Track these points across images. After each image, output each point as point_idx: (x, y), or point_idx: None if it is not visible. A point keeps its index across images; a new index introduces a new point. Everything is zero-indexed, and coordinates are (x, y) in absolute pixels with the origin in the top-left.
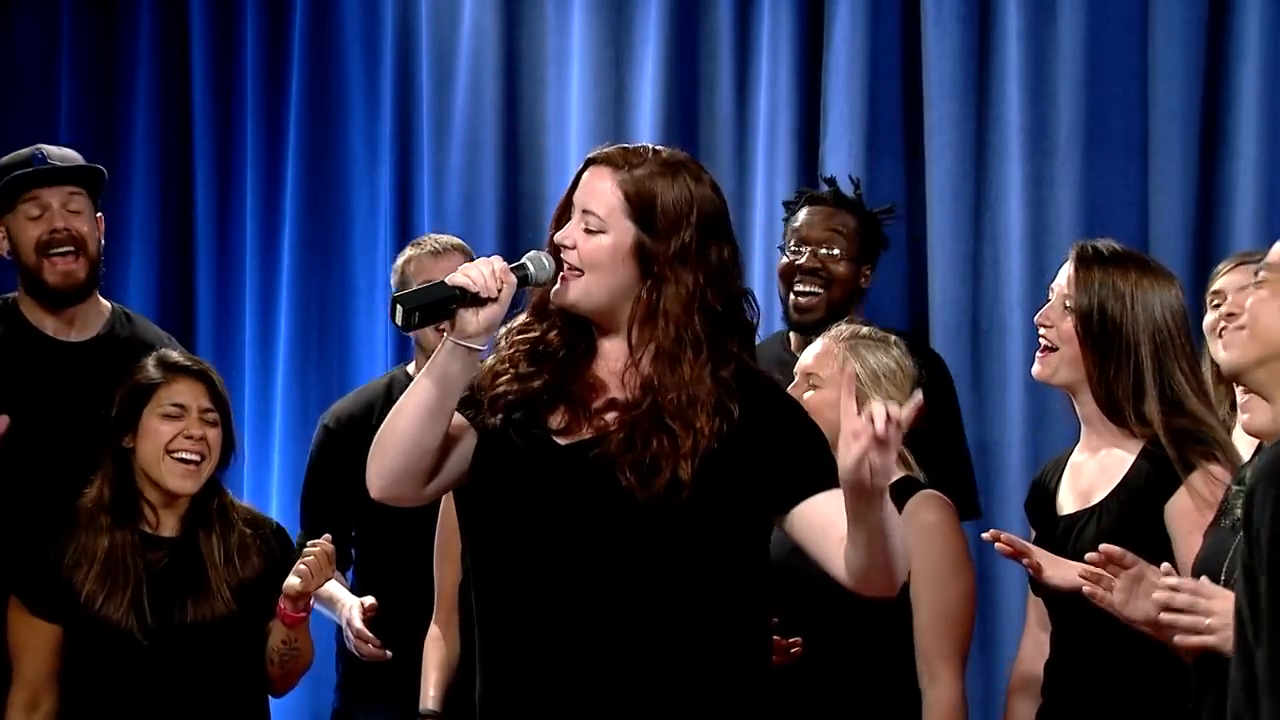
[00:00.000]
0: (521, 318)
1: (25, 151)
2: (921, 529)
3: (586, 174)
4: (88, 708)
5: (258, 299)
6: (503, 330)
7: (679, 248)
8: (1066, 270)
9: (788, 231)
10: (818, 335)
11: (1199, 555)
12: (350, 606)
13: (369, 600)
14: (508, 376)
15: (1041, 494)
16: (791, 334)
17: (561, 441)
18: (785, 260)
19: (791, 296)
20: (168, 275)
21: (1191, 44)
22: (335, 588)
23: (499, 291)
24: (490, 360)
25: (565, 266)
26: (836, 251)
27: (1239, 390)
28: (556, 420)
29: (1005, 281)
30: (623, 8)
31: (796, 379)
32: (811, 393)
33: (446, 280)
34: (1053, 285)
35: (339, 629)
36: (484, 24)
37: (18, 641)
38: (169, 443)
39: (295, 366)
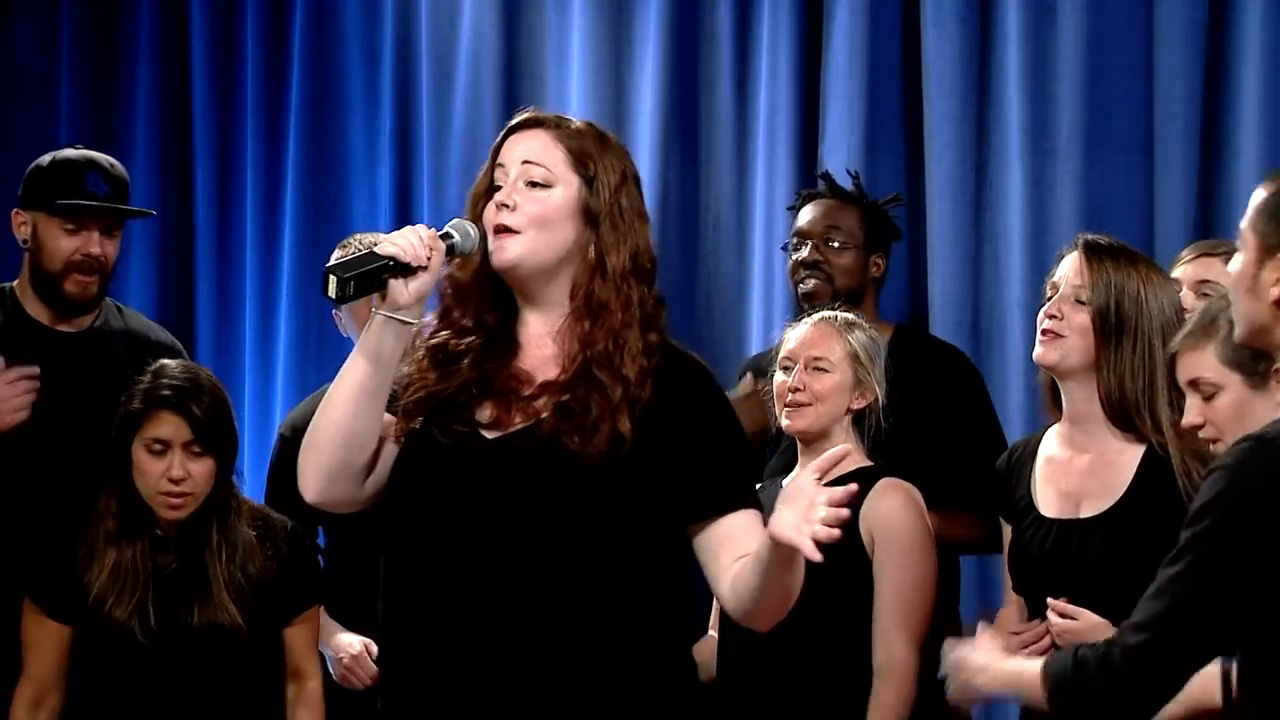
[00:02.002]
0: (429, 320)
1: (82, 159)
2: (884, 513)
3: (513, 140)
4: (93, 709)
5: (258, 299)
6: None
7: (622, 204)
8: (1072, 263)
9: (790, 231)
10: None
11: None
12: (351, 637)
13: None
14: (420, 383)
15: (1007, 481)
16: None
17: (490, 435)
18: (791, 259)
19: (798, 289)
20: (168, 275)
21: (1193, 43)
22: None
23: (428, 259)
24: (404, 369)
25: (498, 230)
26: (836, 243)
27: None
28: (485, 415)
29: (1005, 281)
30: (623, 8)
31: (796, 364)
32: (821, 376)
33: (375, 249)
34: (1054, 279)
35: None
36: (484, 24)
37: (28, 639)
38: (155, 483)
39: (295, 366)
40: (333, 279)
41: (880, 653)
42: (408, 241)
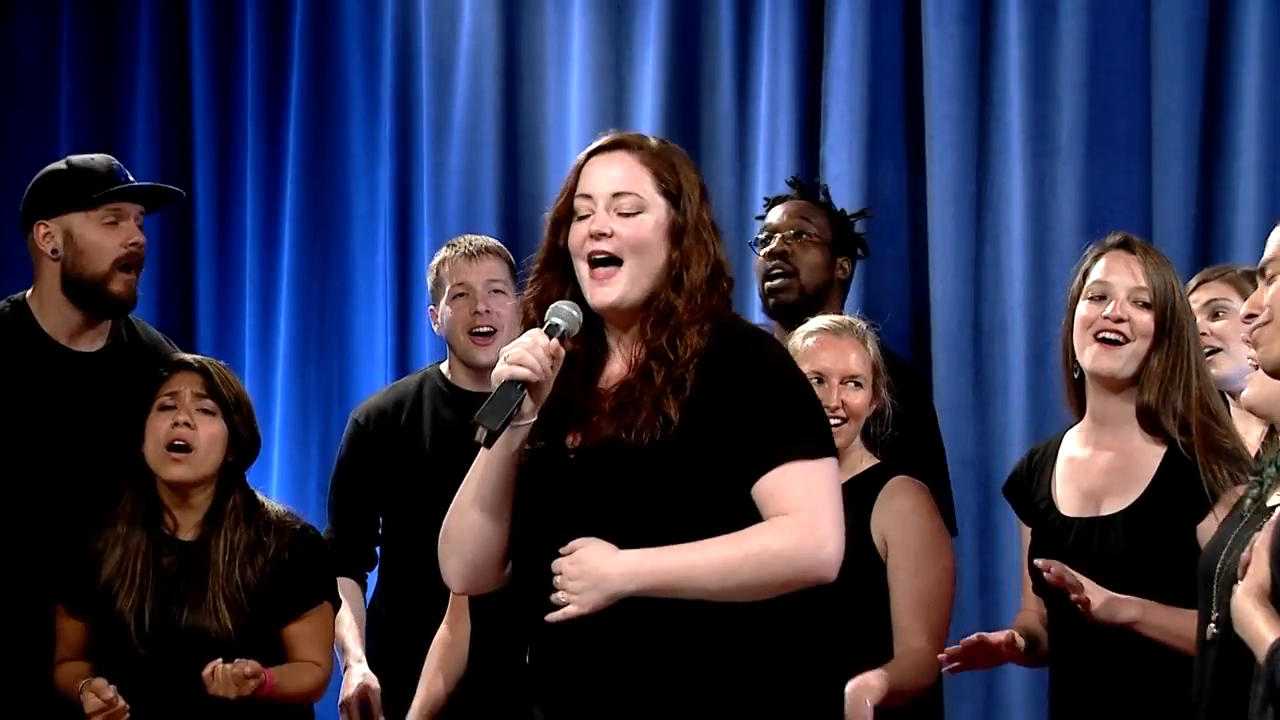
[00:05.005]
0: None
1: (101, 159)
2: (897, 513)
3: (596, 166)
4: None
5: (258, 299)
6: None
7: (702, 218)
8: (1125, 265)
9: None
10: (795, 324)
11: (1209, 542)
12: (359, 674)
13: (374, 686)
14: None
15: (1027, 485)
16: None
17: (571, 450)
18: (758, 255)
19: (764, 286)
20: (168, 275)
21: (1193, 44)
22: (351, 638)
23: (552, 365)
24: None
25: (594, 268)
26: (803, 236)
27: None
28: (571, 440)
29: (1007, 281)
30: (623, 8)
31: (830, 380)
32: (858, 391)
33: (502, 375)
34: (1099, 280)
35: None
36: (484, 24)
37: (61, 632)
38: (161, 437)
39: (295, 366)
40: (483, 431)
41: (899, 646)
42: (534, 359)
